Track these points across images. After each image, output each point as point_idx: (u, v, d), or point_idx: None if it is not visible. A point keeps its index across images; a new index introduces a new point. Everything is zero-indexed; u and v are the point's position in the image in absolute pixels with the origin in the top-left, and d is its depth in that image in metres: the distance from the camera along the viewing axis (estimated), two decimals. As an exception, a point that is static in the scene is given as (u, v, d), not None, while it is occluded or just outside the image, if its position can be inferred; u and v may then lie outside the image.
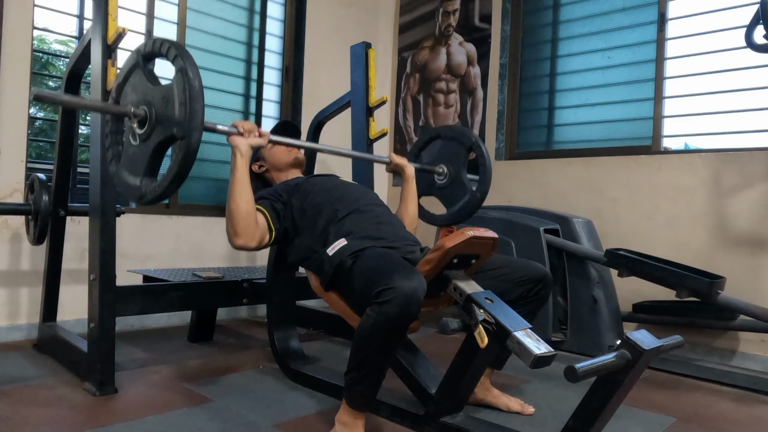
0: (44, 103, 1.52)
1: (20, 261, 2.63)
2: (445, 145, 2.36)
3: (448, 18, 3.95)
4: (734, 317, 2.46)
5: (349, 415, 1.51)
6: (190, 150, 1.39)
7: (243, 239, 1.70)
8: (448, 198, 2.34)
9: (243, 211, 1.68)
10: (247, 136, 1.72)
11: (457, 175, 2.31)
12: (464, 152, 2.30)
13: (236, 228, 1.68)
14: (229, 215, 1.68)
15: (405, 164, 2.22)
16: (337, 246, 1.69)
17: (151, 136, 1.45)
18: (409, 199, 2.19)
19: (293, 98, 3.77)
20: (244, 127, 1.72)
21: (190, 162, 1.40)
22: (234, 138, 1.71)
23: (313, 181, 1.97)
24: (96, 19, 1.90)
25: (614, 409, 1.32)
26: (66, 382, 1.98)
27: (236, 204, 1.68)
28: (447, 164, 2.33)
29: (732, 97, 2.78)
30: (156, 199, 1.46)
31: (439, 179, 2.35)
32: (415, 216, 2.19)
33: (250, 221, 1.70)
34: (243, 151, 1.70)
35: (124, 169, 1.54)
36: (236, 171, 1.69)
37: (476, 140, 2.28)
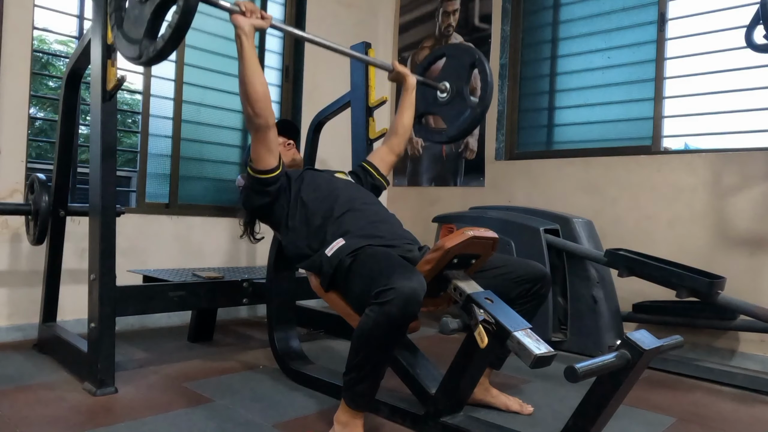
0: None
1: (20, 261, 2.63)
2: (449, 63, 2.36)
3: (448, 18, 3.95)
4: (734, 317, 2.46)
5: (348, 415, 1.51)
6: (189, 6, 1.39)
7: (263, 118, 1.71)
8: (450, 114, 2.33)
9: (260, 93, 1.69)
10: (250, 16, 1.69)
11: (459, 91, 2.29)
12: (467, 69, 2.29)
13: (255, 109, 1.69)
14: (247, 98, 1.69)
15: (407, 73, 2.21)
16: (336, 246, 1.69)
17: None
18: (406, 108, 2.20)
19: (293, 98, 3.77)
20: (246, 6, 1.69)
21: (188, 20, 1.40)
22: (237, 17, 1.68)
23: (313, 173, 1.98)
24: (96, 19, 1.90)
25: (614, 409, 1.32)
26: (66, 382, 1.99)
27: (252, 86, 1.68)
28: (450, 81, 2.32)
29: (732, 97, 2.78)
30: (154, 59, 1.47)
31: (441, 96, 2.35)
32: (409, 126, 2.21)
33: (267, 102, 1.72)
34: (247, 31, 1.68)
35: (125, 32, 1.57)
36: (244, 52, 1.67)
37: (479, 56, 2.27)
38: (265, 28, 1.76)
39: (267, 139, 1.75)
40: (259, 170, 1.79)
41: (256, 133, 1.74)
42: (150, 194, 3.13)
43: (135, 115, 3.46)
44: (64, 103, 2.35)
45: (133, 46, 1.53)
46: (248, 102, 1.69)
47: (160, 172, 3.19)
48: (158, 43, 1.44)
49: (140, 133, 3.09)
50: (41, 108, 3.06)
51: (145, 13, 1.49)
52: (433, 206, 3.80)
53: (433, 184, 3.95)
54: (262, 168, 1.79)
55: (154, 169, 3.16)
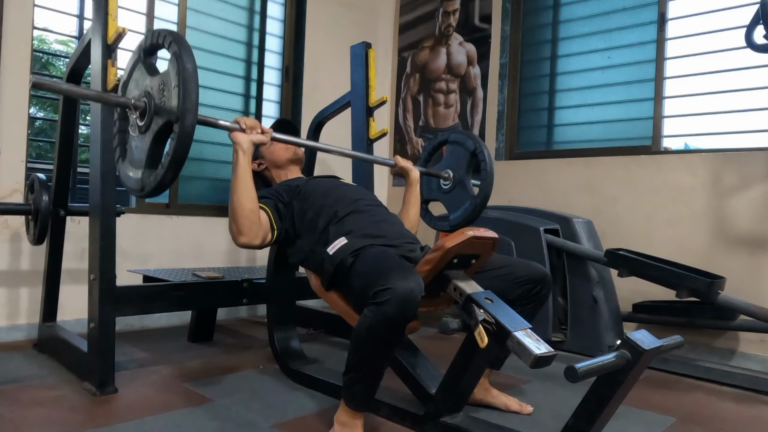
0: (43, 90, 1.51)
1: (20, 261, 2.63)
2: (451, 150, 2.36)
3: (448, 18, 3.95)
4: (734, 317, 2.46)
5: (347, 415, 1.52)
6: (185, 132, 1.36)
7: (247, 237, 1.69)
8: (451, 203, 2.34)
9: (247, 210, 1.67)
10: (249, 133, 1.70)
11: (461, 180, 2.31)
12: (468, 156, 2.30)
13: (240, 226, 1.67)
14: (233, 213, 1.67)
15: (410, 168, 2.20)
16: (338, 245, 1.69)
17: (151, 126, 1.45)
18: (411, 205, 2.16)
19: (293, 98, 3.77)
20: (246, 123, 1.70)
21: (185, 145, 1.36)
22: (236, 134, 1.69)
23: (313, 183, 1.97)
24: (96, 19, 1.90)
25: (614, 409, 1.32)
26: (66, 382, 1.98)
27: (240, 202, 1.67)
28: (452, 169, 2.33)
29: (732, 97, 2.78)
30: (155, 190, 1.44)
31: (444, 184, 2.36)
32: (416, 221, 2.17)
33: (254, 219, 1.70)
34: (245, 147, 1.68)
35: (128, 165, 1.55)
36: (238, 168, 1.68)
37: (479, 145, 2.28)
38: (265, 143, 1.76)
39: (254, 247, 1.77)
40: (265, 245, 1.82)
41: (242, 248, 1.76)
42: (150, 194, 3.12)
43: (135, 115, 3.46)
44: (64, 103, 2.35)
45: (135, 178, 1.50)
46: (233, 217, 1.68)
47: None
48: (158, 172, 1.41)
49: (140, 133, 3.09)
50: (41, 108, 3.06)
51: (145, 143, 1.47)
52: (432, 206, 3.78)
53: (433, 184, 3.94)
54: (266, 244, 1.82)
55: (154, 169, 3.15)
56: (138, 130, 1.48)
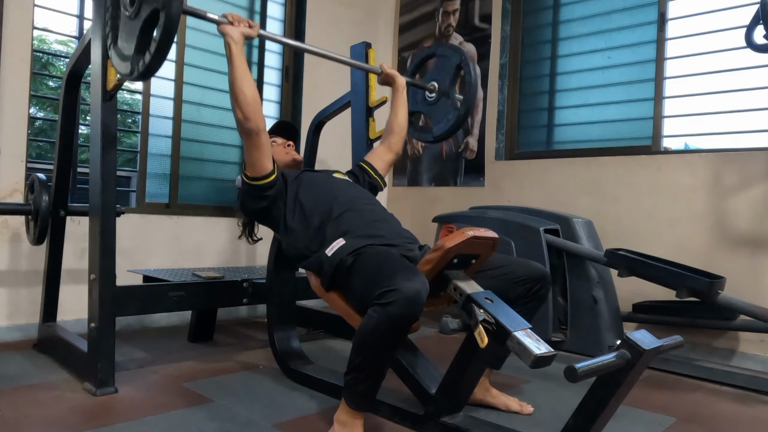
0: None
1: (20, 261, 2.63)
2: (438, 63, 2.41)
3: (448, 18, 3.95)
4: (734, 317, 2.46)
5: (348, 415, 1.52)
6: (170, 20, 1.42)
7: (253, 122, 1.73)
8: (437, 113, 2.39)
9: (250, 97, 1.71)
10: (237, 25, 1.75)
11: (445, 91, 2.35)
12: (454, 70, 2.33)
13: (245, 113, 1.71)
14: (236, 101, 1.71)
15: (395, 74, 2.27)
16: (336, 246, 1.69)
17: (140, 13, 1.51)
18: (399, 107, 2.24)
19: (293, 98, 3.77)
20: (233, 17, 1.75)
21: (170, 32, 1.44)
22: (225, 27, 1.74)
23: (311, 174, 1.99)
24: (96, 19, 1.90)
25: (614, 409, 1.32)
26: (66, 382, 1.99)
27: (241, 90, 1.70)
28: (438, 81, 2.37)
29: (732, 97, 2.78)
30: (143, 75, 1.52)
31: (429, 96, 2.40)
32: (404, 124, 2.25)
33: (258, 107, 1.74)
34: (236, 38, 1.73)
35: (119, 49, 1.61)
36: (234, 59, 1.72)
37: (464, 57, 2.32)
38: (254, 36, 1.81)
39: (259, 143, 1.76)
40: (255, 176, 1.81)
41: (248, 138, 1.76)
42: (150, 194, 3.13)
43: (135, 115, 3.46)
44: (64, 103, 2.35)
45: (125, 62, 1.58)
46: (238, 106, 1.72)
47: (160, 172, 3.19)
48: (146, 57, 1.48)
49: (140, 132, 3.09)
50: (41, 108, 3.06)
51: (134, 29, 1.53)
52: (433, 206, 3.79)
53: (433, 184, 3.95)
54: (257, 174, 1.80)
55: (154, 169, 3.16)
56: (128, 16, 1.55)
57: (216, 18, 1.74)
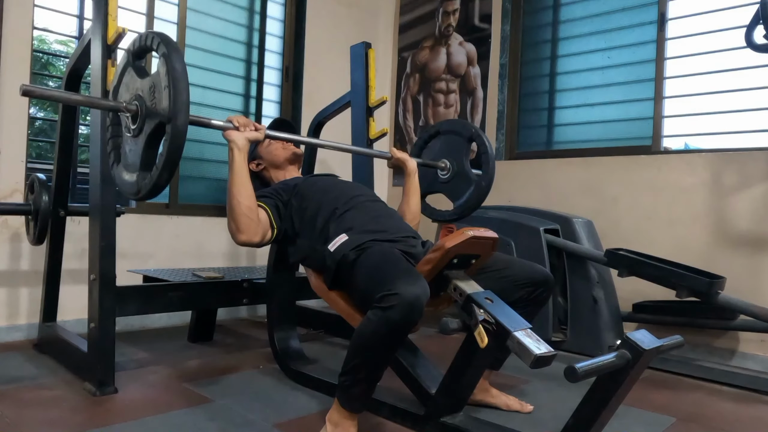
0: (34, 98, 1.50)
1: (20, 261, 2.62)
2: (446, 139, 2.36)
3: (448, 18, 3.95)
4: (734, 317, 2.46)
5: (341, 416, 1.50)
6: (177, 132, 1.34)
7: (246, 235, 1.69)
8: (453, 192, 2.33)
9: (245, 207, 1.67)
10: (243, 131, 1.70)
11: (460, 168, 2.30)
12: (465, 144, 2.29)
13: (239, 224, 1.67)
14: (231, 212, 1.67)
15: (406, 159, 2.20)
16: (339, 241, 1.68)
17: (143, 129, 1.44)
18: (411, 194, 2.16)
19: (293, 98, 3.77)
20: (239, 122, 1.70)
21: (178, 145, 1.36)
22: (230, 133, 1.68)
23: (311, 181, 1.97)
24: (96, 19, 1.90)
25: (614, 409, 1.32)
26: (66, 382, 1.99)
27: (237, 201, 1.66)
28: (449, 158, 2.32)
29: (732, 97, 2.78)
30: (151, 192, 1.44)
31: (443, 174, 2.35)
32: (417, 211, 2.18)
33: (252, 217, 1.70)
34: (240, 145, 1.68)
35: (123, 168, 1.54)
36: (234, 166, 1.67)
37: (476, 130, 2.28)
38: (260, 139, 1.75)
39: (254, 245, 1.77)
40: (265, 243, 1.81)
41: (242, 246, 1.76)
42: (150, 194, 3.12)
43: (135, 115, 3.46)
44: (63, 103, 2.35)
45: (131, 182, 1.49)
46: (232, 216, 1.68)
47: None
48: (153, 174, 1.40)
49: (140, 133, 3.09)
50: (41, 108, 3.06)
51: (138, 146, 1.46)
52: (433, 206, 3.78)
53: (433, 184, 3.94)
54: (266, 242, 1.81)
55: (154, 169, 3.15)
56: (131, 134, 1.48)
57: (221, 124, 1.67)
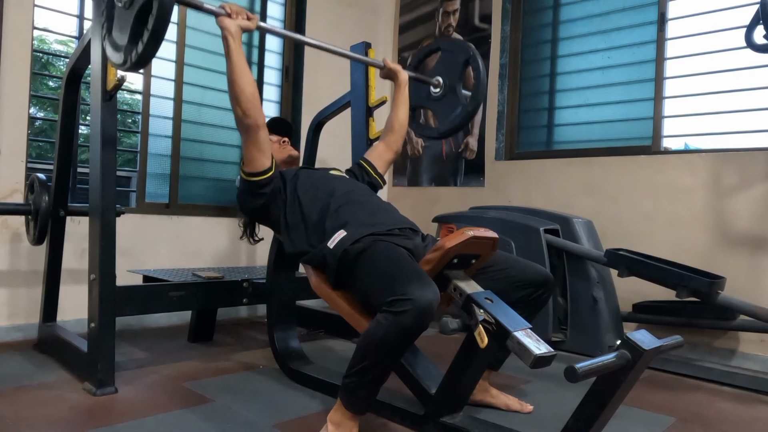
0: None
1: (20, 261, 2.63)
2: (444, 58, 2.36)
3: (448, 18, 3.95)
4: (734, 317, 2.46)
5: (343, 417, 1.50)
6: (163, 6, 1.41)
7: (252, 118, 1.72)
8: (441, 110, 2.34)
9: (248, 93, 1.70)
10: (236, 18, 1.71)
11: (452, 87, 2.30)
12: (461, 65, 2.28)
13: (244, 109, 1.71)
14: (235, 98, 1.70)
15: (399, 69, 2.22)
16: (337, 238, 1.67)
17: (134, 2, 1.50)
18: (400, 104, 2.19)
19: (293, 98, 3.77)
20: (231, 8, 1.71)
21: (163, 20, 1.43)
22: (222, 19, 1.70)
23: (307, 171, 1.97)
24: (96, 19, 1.90)
25: (614, 409, 1.31)
26: (66, 382, 1.99)
27: (240, 88, 1.69)
28: (443, 77, 2.32)
29: (732, 97, 2.78)
30: (136, 64, 1.51)
31: (434, 91, 2.35)
32: (404, 121, 2.20)
33: (256, 103, 1.73)
34: (233, 32, 1.69)
35: (114, 39, 1.61)
36: (231, 53, 1.69)
37: (473, 53, 2.26)
38: (252, 29, 1.77)
39: (258, 139, 1.76)
40: (252, 173, 1.80)
41: (247, 134, 1.76)
42: (150, 194, 3.13)
43: (135, 115, 3.46)
44: (64, 103, 2.35)
45: (119, 52, 1.57)
46: (237, 102, 1.71)
47: (160, 172, 3.19)
48: (138, 47, 1.47)
49: (140, 133, 3.09)
50: (41, 108, 3.06)
51: (128, 19, 1.52)
52: (433, 206, 3.79)
53: (433, 184, 3.95)
54: (254, 170, 1.80)
55: (154, 169, 3.16)
56: (122, 5, 1.54)
57: (213, 9, 1.69)
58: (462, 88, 2.31)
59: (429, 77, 2.37)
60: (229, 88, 1.72)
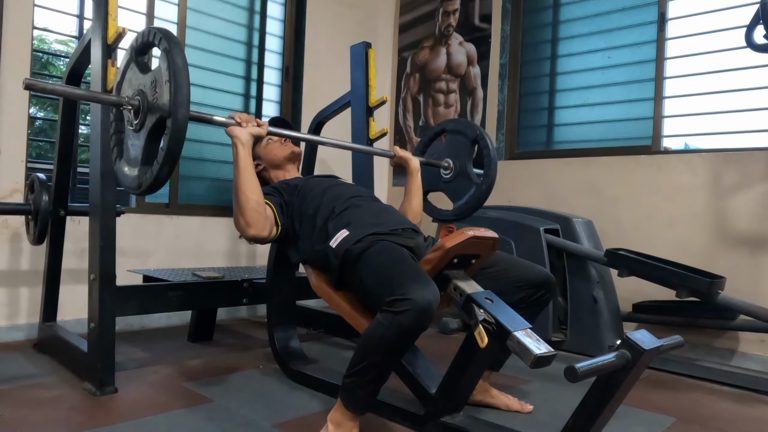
0: (36, 91, 1.51)
1: (20, 261, 2.62)
2: (451, 139, 2.36)
3: (448, 18, 3.95)
4: (734, 317, 2.46)
5: (343, 417, 1.50)
6: (178, 126, 1.36)
7: (255, 229, 1.70)
8: (454, 192, 2.33)
9: (254, 203, 1.69)
10: (246, 126, 1.71)
11: (462, 168, 2.29)
12: (469, 145, 2.29)
13: (248, 219, 1.68)
14: (239, 207, 1.68)
15: (409, 157, 2.19)
16: (340, 237, 1.68)
17: (145, 123, 1.46)
18: (413, 193, 2.15)
19: (293, 98, 3.77)
20: (241, 118, 1.71)
21: (178, 139, 1.37)
22: (233, 129, 1.70)
23: (311, 182, 1.97)
24: (96, 19, 1.90)
25: (614, 409, 1.32)
26: (66, 382, 1.98)
27: (246, 196, 1.68)
28: (453, 158, 2.32)
29: (732, 97, 2.78)
30: (152, 186, 1.45)
31: (445, 173, 2.34)
32: (419, 211, 2.16)
33: (261, 212, 1.71)
34: (244, 140, 1.69)
35: (125, 163, 1.56)
36: (240, 161, 1.68)
37: (480, 132, 2.27)
38: (263, 135, 1.76)
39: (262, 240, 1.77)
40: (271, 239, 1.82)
41: (250, 242, 1.76)
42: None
43: (135, 115, 3.46)
44: (64, 103, 2.35)
45: (132, 176, 1.51)
46: (241, 212, 1.69)
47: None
48: (154, 168, 1.41)
49: (140, 133, 3.09)
50: (41, 108, 3.07)
51: (140, 141, 1.48)
52: (439, 202, 3.78)
53: (433, 184, 3.94)
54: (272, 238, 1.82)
55: (154, 169, 3.15)
56: (133, 128, 1.50)
57: (223, 120, 1.68)
58: (473, 167, 2.30)
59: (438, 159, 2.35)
60: (234, 197, 1.69)
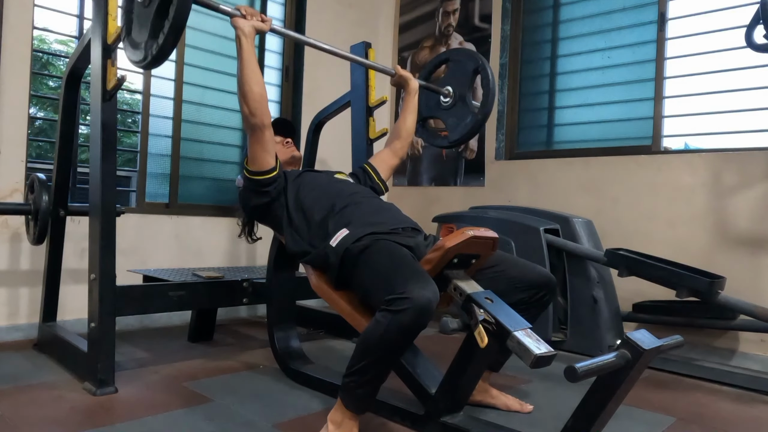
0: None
1: (20, 261, 2.63)
2: (453, 67, 2.38)
3: (448, 18, 3.95)
4: (734, 317, 2.46)
5: (344, 416, 1.50)
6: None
7: (259, 118, 1.75)
8: (452, 119, 2.36)
9: (257, 93, 1.74)
10: (250, 19, 1.76)
11: (461, 97, 2.32)
12: (470, 74, 2.30)
13: (252, 108, 1.74)
14: (244, 98, 1.74)
15: (409, 77, 2.26)
16: (340, 236, 1.68)
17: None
18: (408, 112, 2.23)
19: (293, 98, 3.77)
20: (246, 10, 1.76)
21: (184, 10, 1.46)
22: (237, 20, 1.75)
23: (312, 174, 2.00)
24: (96, 19, 1.90)
25: (614, 409, 1.32)
26: (66, 382, 1.99)
27: (249, 87, 1.73)
28: (453, 86, 2.34)
29: (732, 97, 2.78)
30: (157, 57, 1.54)
31: (444, 100, 2.37)
32: (411, 129, 2.24)
33: (264, 103, 1.77)
34: (247, 32, 1.74)
35: (133, 39, 1.65)
36: (243, 54, 1.74)
37: (482, 62, 2.29)
38: (266, 31, 1.81)
39: (263, 139, 1.78)
40: (257, 171, 1.82)
41: (253, 132, 1.78)
42: (150, 194, 3.13)
43: (135, 114, 3.46)
44: (64, 103, 2.35)
45: (138, 50, 1.61)
46: (245, 101, 1.74)
47: (160, 172, 3.19)
48: (159, 39, 1.50)
49: (140, 132, 3.09)
50: (41, 108, 3.07)
51: (149, 14, 1.55)
52: (433, 206, 3.79)
53: (433, 184, 3.95)
54: (259, 169, 1.82)
55: (154, 168, 3.16)
56: (143, 2, 1.58)
57: (229, 10, 1.74)
58: (472, 98, 2.32)
59: (439, 87, 2.38)
60: (238, 87, 1.75)
